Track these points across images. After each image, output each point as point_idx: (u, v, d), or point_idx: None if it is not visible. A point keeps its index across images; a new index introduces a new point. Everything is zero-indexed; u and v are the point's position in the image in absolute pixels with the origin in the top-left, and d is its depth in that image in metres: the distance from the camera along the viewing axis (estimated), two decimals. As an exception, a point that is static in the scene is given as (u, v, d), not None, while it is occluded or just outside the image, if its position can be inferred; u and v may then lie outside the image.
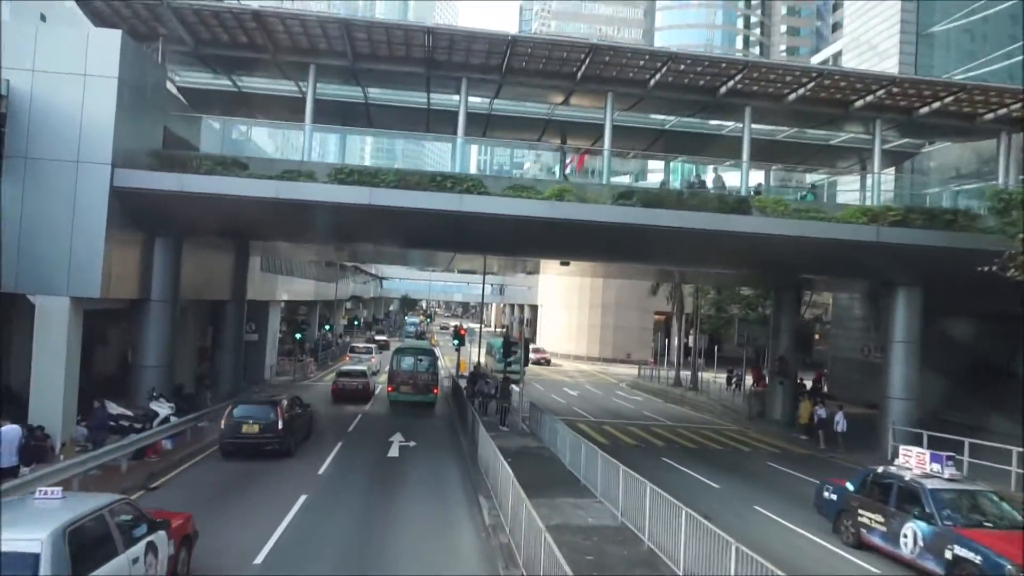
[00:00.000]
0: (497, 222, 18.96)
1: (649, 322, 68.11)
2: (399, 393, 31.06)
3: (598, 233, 19.71)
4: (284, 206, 18.41)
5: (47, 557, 6.69)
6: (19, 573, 6.54)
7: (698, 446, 25.06)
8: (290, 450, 18.52)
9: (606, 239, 20.34)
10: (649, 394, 43.71)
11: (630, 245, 20.84)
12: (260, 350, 37.56)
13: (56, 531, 6.96)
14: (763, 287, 35.60)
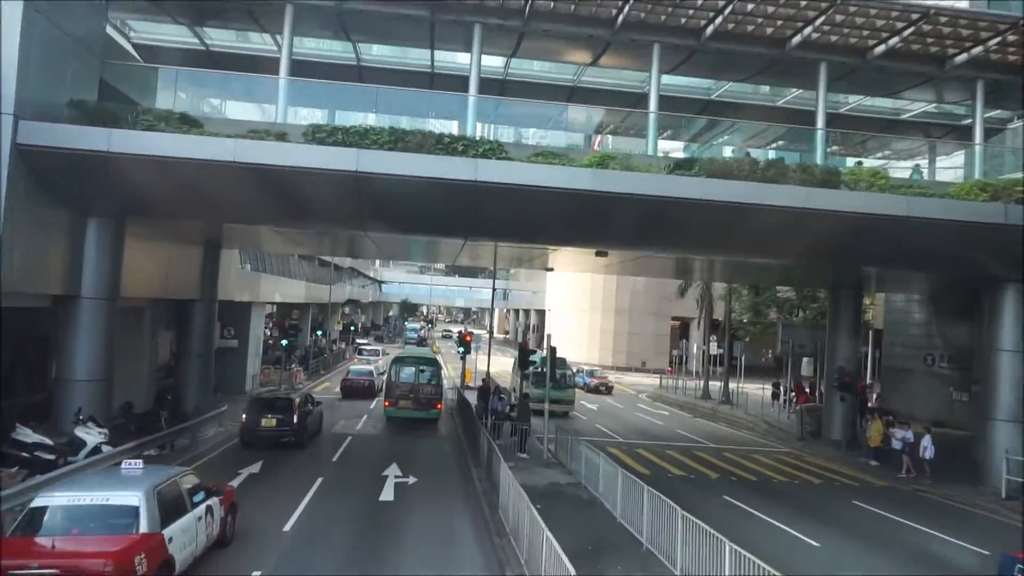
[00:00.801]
0: (521, 197, 14.71)
1: (666, 328, 63.79)
2: (397, 409, 26.80)
3: (649, 212, 15.46)
4: (246, 175, 14.17)
5: (144, 509, 8.96)
6: (123, 521, 8.80)
7: (758, 477, 20.71)
8: (303, 442, 20.15)
9: (657, 220, 16.08)
10: (675, 408, 39.36)
11: (684, 228, 16.53)
12: (240, 358, 33.31)
13: (148, 490, 9.23)
14: (814, 286, 31.24)
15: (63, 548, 8.27)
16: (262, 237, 24.10)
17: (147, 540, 8.73)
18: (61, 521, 8.81)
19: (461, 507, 14.83)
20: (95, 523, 8.80)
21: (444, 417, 28.49)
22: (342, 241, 24.50)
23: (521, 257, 23.50)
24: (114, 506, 8.98)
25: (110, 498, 9.08)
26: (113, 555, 8.11)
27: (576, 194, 14.46)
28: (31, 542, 8.49)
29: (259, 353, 36.01)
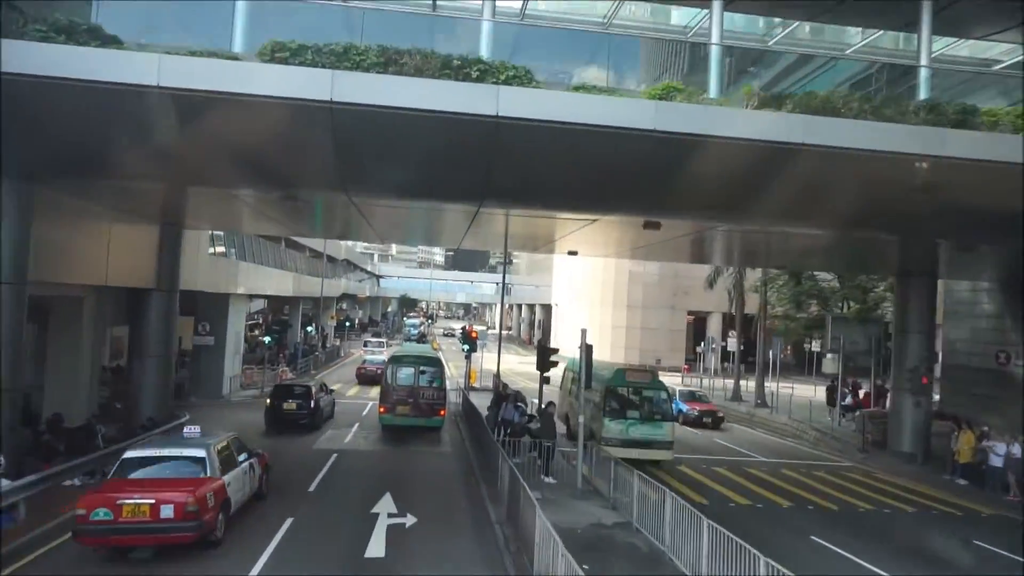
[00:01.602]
0: (556, 143, 10.77)
1: (681, 323, 59.86)
2: (394, 416, 22.94)
3: (719, 164, 11.48)
4: (179, 111, 10.18)
5: (208, 460, 11.38)
6: (195, 468, 11.18)
7: (837, 504, 16.80)
8: (319, 425, 23.09)
9: (728, 175, 12.08)
10: (704, 411, 35.45)
11: (775, 186, 12.48)
12: (216, 357, 29.39)
13: (210, 447, 11.70)
14: (874, 271, 27.25)
15: (153, 487, 10.46)
16: (232, 214, 20.10)
17: (213, 482, 11.08)
18: (148, 469, 11.06)
19: (478, 563, 10.89)
20: (173, 470, 11.09)
21: (448, 425, 24.61)
22: (329, 219, 20.47)
23: (539, 236, 19.46)
24: (187, 457, 11.33)
25: (183, 451, 11.49)
26: (193, 491, 10.40)
27: (634, 136, 10.49)
28: (128, 482, 10.68)
29: (239, 351, 32.06)
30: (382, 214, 17.34)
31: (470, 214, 14.65)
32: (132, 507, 9.99)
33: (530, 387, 41.70)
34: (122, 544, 10.26)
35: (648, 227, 13.81)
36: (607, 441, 17.90)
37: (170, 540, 10.30)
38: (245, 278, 30.42)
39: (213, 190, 15.34)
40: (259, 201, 16.20)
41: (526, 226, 18.33)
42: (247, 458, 13.00)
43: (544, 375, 20.33)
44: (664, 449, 18.79)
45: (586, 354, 14.97)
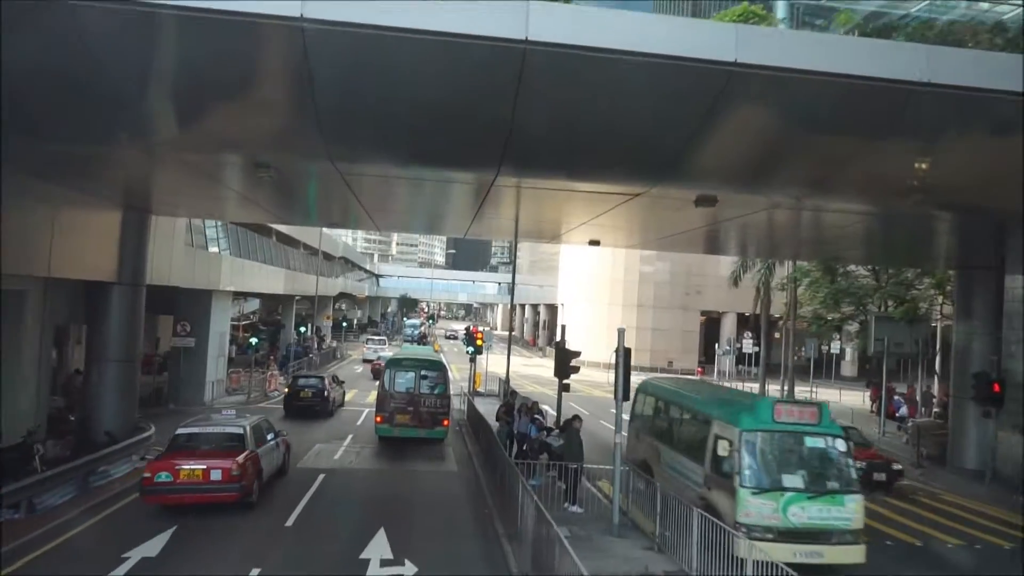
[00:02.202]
0: (601, 77, 8.09)
1: (694, 324, 57.21)
2: (392, 427, 20.38)
3: (815, 112, 8.78)
4: (90, 30, 7.51)
5: (246, 435, 13.57)
6: (235, 443, 13.28)
7: (918, 537, 14.14)
8: (331, 412, 26.20)
9: (826, 128, 9.33)
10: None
11: (862, 142, 9.74)
12: (197, 360, 26.77)
13: (247, 424, 13.99)
14: (928, 264, 24.55)
15: (203, 456, 12.76)
16: (210, 197, 17.40)
17: (251, 454, 13.31)
18: (196, 442, 13.46)
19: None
20: (217, 444, 13.30)
21: (452, 436, 22.02)
22: (319, 202, 17.75)
23: (558, 221, 16.77)
24: (229, 432, 13.66)
25: (225, 429, 13.85)
26: (236, 461, 12.70)
27: (704, 72, 7.83)
28: (182, 452, 13.02)
29: (224, 354, 29.41)
30: (377, 192, 14.60)
31: (481, 188, 11.96)
32: (188, 471, 12.30)
33: (537, 391, 39.10)
34: (179, 502, 12.39)
35: (701, 204, 11.14)
36: (750, 529, 10.27)
37: (218, 499, 12.36)
38: (230, 273, 27.77)
39: (178, 164, 12.72)
40: (234, 178, 13.55)
41: (543, 208, 15.66)
42: (274, 437, 15.23)
43: (564, 382, 17.66)
44: (850, 544, 10.60)
45: (624, 360, 12.25)
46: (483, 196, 12.78)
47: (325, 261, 56.42)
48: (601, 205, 13.40)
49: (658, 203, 12.18)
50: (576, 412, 16.50)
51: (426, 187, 13.23)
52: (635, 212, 14.20)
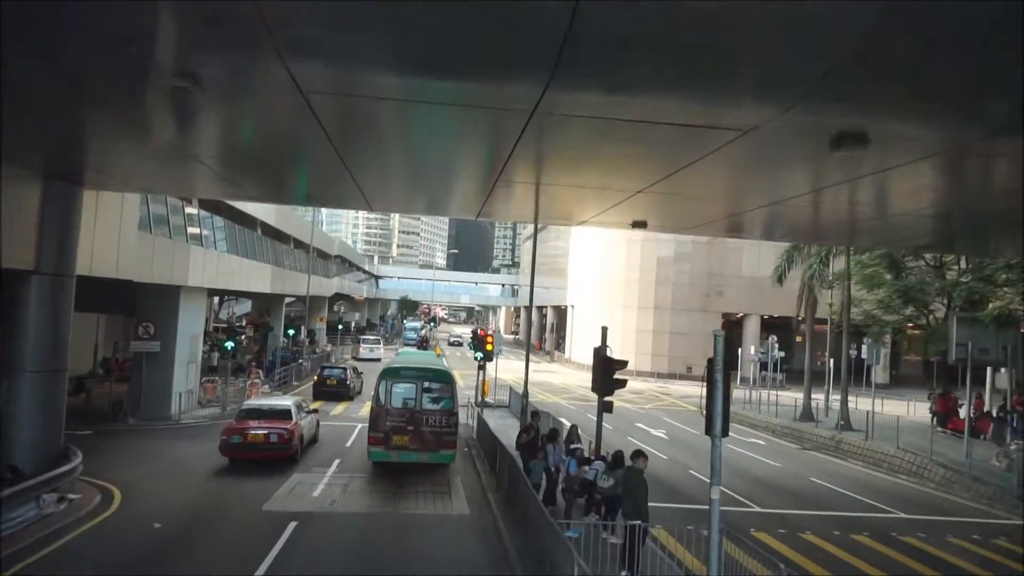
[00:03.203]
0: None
1: (714, 327, 53.12)
2: (388, 450, 16.81)
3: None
4: None
5: (293, 410, 18.57)
6: (286, 415, 18.08)
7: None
8: (352, 396, 31.29)
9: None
10: (769, 434, 28.97)
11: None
12: (162, 367, 23.03)
13: (294, 402, 19.60)
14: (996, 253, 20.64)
15: (264, 423, 17.40)
16: (164, 163, 13.47)
17: (296, 424, 18.09)
18: (257, 413, 18.06)
19: None
20: (272, 416, 17.90)
21: (459, 460, 18.32)
22: (291, 163, 13.71)
23: (603, 190, 12.75)
24: (281, 407, 18.60)
25: (277, 404, 19.05)
26: (288, 426, 17.51)
27: None
28: (247, 421, 17.58)
29: (196, 360, 25.59)
30: (369, 137, 10.70)
31: (509, 130, 8.09)
32: (254, 434, 17.09)
33: (549, 400, 35.26)
34: (247, 456, 17.06)
35: (845, 144, 7.34)
36: None
37: (275, 456, 17.12)
38: (202, 267, 23.95)
39: (105, 108, 8.90)
40: (168, 120, 9.70)
41: (581, 172, 11.76)
42: (309, 412, 20.51)
43: (606, 400, 13.81)
44: None
45: (723, 384, 8.38)
46: (528, 118, 8.80)
47: (319, 259, 52.64)
48: (658, 167, 9.57)
49: (769, 149, 8.33)
50: (640, 448, 12.55)
51: (442, 119, 9.19)
52: (703, 177, 10.34)
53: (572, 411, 32.26)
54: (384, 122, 9.06)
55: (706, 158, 8.99)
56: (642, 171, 10.70)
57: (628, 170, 10.81)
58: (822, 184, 10.28)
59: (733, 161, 9.23)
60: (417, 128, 9.18)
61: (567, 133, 8.65)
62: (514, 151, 9.61)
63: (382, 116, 8.62)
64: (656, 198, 13.05)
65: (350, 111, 8.41)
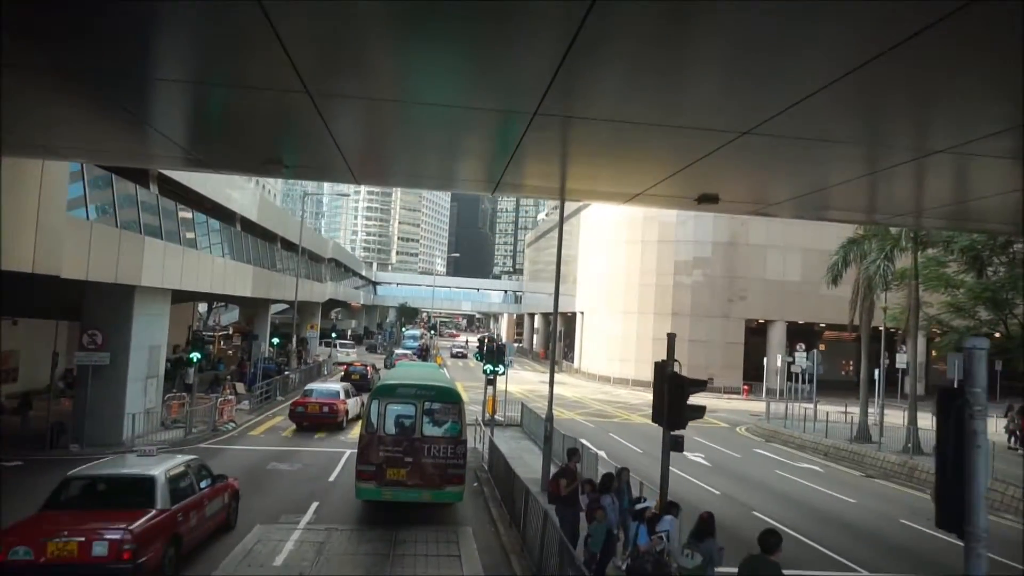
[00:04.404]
0: None
1: (738, 334, 49.55)
2: (381, 486, 13.57)
3: None
4: None
5: (343, 392, 26.12)
6: (336, 394, 25.59)
7: None
8: (370, 387, 26.57)
9: None
10: (821, 456, 25.14)
11: None
12: (113, 383, 19.37)
13: (340, 388, 26.64)
14: None
15: (323, 402, 24.41)
16: (68, 113, 9.74)
17: (344, 402, 25.24)
18: (316, 396, 24.88)
19: None
20: (327, 394, 25.65)
21: (468, 498, 14.64)
22: (246, 113, 9.98)
23: (674, 147, 9.15)
24: (332, 395, 25.15)
25: (330, 387, 26.90)
26: (337, 404, 24.91)
27: None
28: (306, 408, 23.89)
29: (158, 374, 21.80)
30: (353, 110, 7.10)
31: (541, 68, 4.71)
32: (315, 405, 23.75)
33: (564, 417, 31.28)
34: (311, 423, 23.46)
35: None
36: None
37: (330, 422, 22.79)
38: (159, 264, 20.20)
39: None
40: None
41: (632, 130, 8.16)
42: (355, 393, 26.40)
43: (675, 435, 9.99)
44: None
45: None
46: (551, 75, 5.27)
47: (312, 262, 48.94)
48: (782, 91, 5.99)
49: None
50: (770, 527, 8.55)
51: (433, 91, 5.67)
52: (831, 113, 6.72)
53: (591, 430, 28.49)
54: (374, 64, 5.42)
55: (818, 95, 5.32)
56: (726, 115, 7.06)
57: (704, 115, 7.19)
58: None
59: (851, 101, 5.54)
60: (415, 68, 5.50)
61: (615, 64, 5.04)
62: (551, 86, 5.93)
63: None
64: (734, 163, 9.43)
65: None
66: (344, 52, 6.14)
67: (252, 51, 6.22)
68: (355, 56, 6.25)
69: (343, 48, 6.03)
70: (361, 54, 6.24)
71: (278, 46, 5.76)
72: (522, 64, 6.28)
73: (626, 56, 5.86)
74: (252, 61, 6.52)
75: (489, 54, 6.18)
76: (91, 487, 10.29)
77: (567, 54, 5.64)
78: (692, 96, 7.06)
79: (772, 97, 6.61)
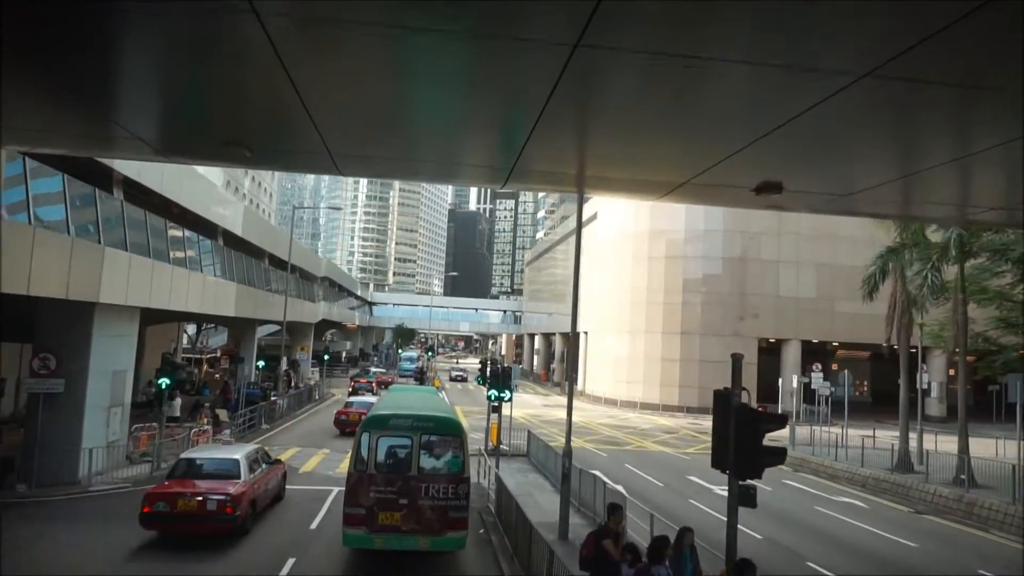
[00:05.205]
0: None
1: (751, 353, 47.07)
2: (372, 532, 11.67)
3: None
4: None
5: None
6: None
7: None
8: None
9: None
10: (862, 490, 22.74)
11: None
12: (69, 413, 17.08)
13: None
14: None
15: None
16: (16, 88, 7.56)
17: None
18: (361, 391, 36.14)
19: None
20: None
21: (473, 551, 12.37)
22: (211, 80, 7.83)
23: (729, 121, 7.10)
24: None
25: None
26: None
27: None
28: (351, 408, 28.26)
29: (123, 402, 19.42)
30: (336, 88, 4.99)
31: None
32: (355, 415, 25.21)
33: (577, 446, 28.13)
34: (352, 428, 23.51)
35: None
36: None
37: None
38: (123, 278, 17.95)
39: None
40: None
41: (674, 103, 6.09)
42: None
43: (745, 487, 7.71)
44: None
45: None
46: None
47: (303, 281, 46.72)
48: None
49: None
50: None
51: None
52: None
53: (604, 460, 26.08)
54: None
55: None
56: (839, 50, 5.00)
57: (808, 49, 5.11)
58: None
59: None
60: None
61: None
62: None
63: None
64: (804, 143, 7.41)
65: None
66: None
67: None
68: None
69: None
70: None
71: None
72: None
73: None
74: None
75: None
76: (197, 465, 14.03)
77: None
78: (790, 21, 4.91)
79: (914, 21, 4.50)
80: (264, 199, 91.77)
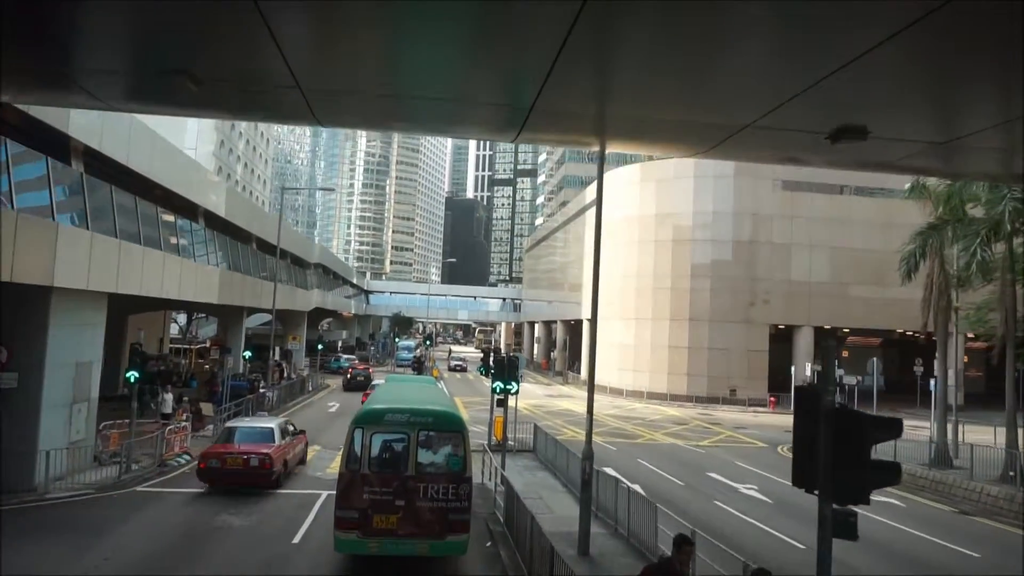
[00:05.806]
0: None
1: (761, 341, 45.39)
2: (366, 536, 10.40)
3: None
4: None
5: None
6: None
7: None
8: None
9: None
10: (899, 487, 20.94)
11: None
12: (23, 410, 15.28)
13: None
14: None
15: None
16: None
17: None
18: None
19: None
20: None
21: (475, 558, 10.67)
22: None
23: (807, 46, 5.29)
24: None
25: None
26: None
27: None
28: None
29: (89, 398, 17.50)
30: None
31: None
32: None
33: (579, 438, 26.41)
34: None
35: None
36: None
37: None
38: (83, 259, 16.00)
39: None
40: None
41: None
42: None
43: (843, 513, 5.87)
44: None
45: None
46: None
47: (296, 267, 44.75)
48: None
49: None
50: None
51: None
52: None
53: (614, 454, 24.25)
54: None
55: None
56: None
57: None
58: None
59: None
60: None
61: None
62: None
63: None
64: (907, 67, 5.63)
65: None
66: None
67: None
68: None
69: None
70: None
71: None
72: None
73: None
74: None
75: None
76: (241, 431, 16.90)
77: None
78: None
79: None
80: (258, 186, 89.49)
